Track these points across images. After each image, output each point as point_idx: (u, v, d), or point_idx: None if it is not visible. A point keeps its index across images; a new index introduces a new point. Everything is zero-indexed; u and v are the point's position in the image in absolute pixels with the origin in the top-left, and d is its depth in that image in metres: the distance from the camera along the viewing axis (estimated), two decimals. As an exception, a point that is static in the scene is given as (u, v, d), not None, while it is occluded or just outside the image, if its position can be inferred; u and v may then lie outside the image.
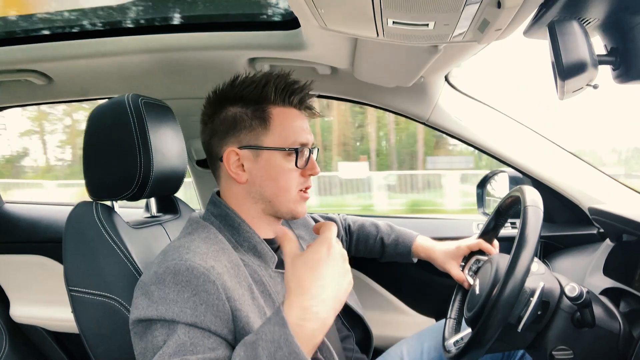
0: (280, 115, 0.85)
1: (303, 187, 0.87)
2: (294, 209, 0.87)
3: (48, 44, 1.17)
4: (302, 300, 0.60)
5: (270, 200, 0.85)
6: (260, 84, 0.84)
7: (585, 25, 0.65)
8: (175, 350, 0.64)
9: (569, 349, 0.79)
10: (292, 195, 0.85)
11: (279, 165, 0.84)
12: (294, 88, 0.86)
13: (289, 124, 0.85)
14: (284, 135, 0.84)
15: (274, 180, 0.84)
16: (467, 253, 1.09)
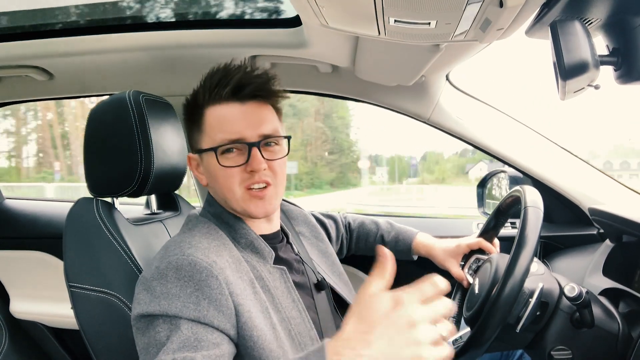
0: (213, 115, 0.82)
1: (248, 184, 0.81)
2: (247, 208, 0.82)
3: (49, 40, 1.17)
4: (340, 344, 0.55)
5: (224, 200, 0.84)
6: (195, 90, 0.84)
7: (587, 25, 0.65)
8: (179, 346, 0.64)
9: (567, 349, 0.79)
10: (237, 194, 0.81)
11: (215, 165, 0.81)
12: (226, 81, 0.80)
13: (217, 123, 0.81)
14: (212, 135, 0.81)
15: (216, 180, 0.83)
16: (467, 251, 1.09)
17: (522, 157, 1.36)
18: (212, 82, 0.81)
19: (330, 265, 1.04)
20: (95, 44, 1.17)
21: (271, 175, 0.82)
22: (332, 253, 1.08)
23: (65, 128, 14.89)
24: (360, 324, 0.55)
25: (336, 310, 0.97)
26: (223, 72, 0.82)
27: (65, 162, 15.37)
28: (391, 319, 0.54)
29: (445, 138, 1.40)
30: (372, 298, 0.56)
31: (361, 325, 0.55)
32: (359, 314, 0.56)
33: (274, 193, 0.83)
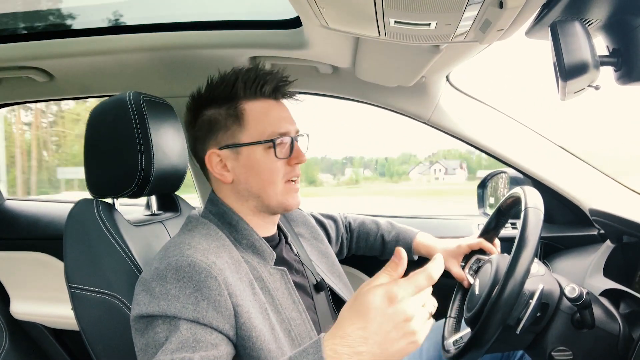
0: (253, 109, 0.84)
1: (290, 177, 0.85)
2: (284, 201, 0.85)
3: (50, 41, 1.17)
4: (336, 342, 0.55)
5: (258, 195, 0.85)
6: (229, 82, 0.84)
7: (588, 26, 0.65)
8: (177, 346, 0.64)
9: (568, 350, 0.79)
10: (278, 188, 0.84)
11: (259, 159, 0.83)
12: (264, 79, 0.84)
13: (264, 117, 0.84)
14: (259, 128, 0.83)
15: (258, 175, 0.83)
16: (468, 252, 1.09)
17: (522, 157, 1.36)
18: (249, 78, 0.84)
19: (329, 266, 1.04)
20: (95, 45, 1.17)
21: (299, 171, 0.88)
22: (332, 254, 1.08)
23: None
24: (357, 319, 0.56)
25: (335, 311, 0.97)
26: (255, 70, 0.85)
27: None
28: (387, 315, 0.56)
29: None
30: (368, 293, 0.57)
31: (357, 321, 0.56)
32: (355, 309, 0.57)
33: (299, 188, 0.89)
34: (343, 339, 0.56)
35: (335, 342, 0.56)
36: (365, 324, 0.55)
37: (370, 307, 0.56)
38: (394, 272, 0.59)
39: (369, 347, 0.55)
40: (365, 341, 0.55)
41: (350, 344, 0.55)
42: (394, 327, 0.55)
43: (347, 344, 0.55)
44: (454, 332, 0.97)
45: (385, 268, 0.60)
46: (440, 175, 8.39)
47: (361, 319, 0.56)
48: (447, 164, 8.47)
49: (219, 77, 0.86)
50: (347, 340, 0.55)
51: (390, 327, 0.55)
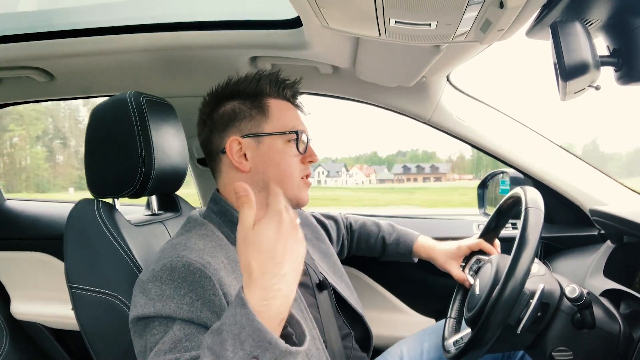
0: (277, 105, 0.89)
1: (303, 174, 0.89)
2: (298, 194, 0.88)
3: (50, 41, 1.17)
4: (261, 280, 0.56)
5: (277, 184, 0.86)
6: (255, 79, 0.89)
7: (588, 26, 0.65)
8: (170, 346, 0.65)
9: (568, 350, 0.79)
10: (295, 181, 0.87)
11: (281, 151, 0.86)
12: (287, 83, 0.91)
13: (286, 113, 0.89)
14: (282, 122, 0.88)
15: (277, 165, 0.86)
16: (468, 253, 1.09)
17: (522, 157, 1.36)
18: (275, 78, 0.90)
19: (331, 266, 1.04)
20: (96, 45, 1.17)
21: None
22: (333, 254, 1.08)
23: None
24: (264, 253, 0.57)
25: (338, 310, 0.97)
26: (278, 74, 0.91)
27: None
28: (284, 234, 0.58)
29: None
30: (258, 227, 0.58)
31: (265, 253, 0.57)
32: (256, 247, 0.57)
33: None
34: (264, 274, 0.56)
35: (259, 281, 0.56)
36: (273, 250, 0.57)
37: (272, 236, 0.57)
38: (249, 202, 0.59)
39: (287, 265, 0.57)
40: (282, 264, 0.57)
41: (273, 273, 0.56)
42: (292, 239, 0.58)
43: (270, 276, 0.56)
44: (454, 333, 0.97)
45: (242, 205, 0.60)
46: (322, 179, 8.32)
47: (267, 250, 0.57)
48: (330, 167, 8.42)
49: (239, 76, 0.91)
50: (268, 274, 0.56)
51: (290, 241, 0.58)
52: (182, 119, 1.09)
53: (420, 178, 19.56)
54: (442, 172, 19.94)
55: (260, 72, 0.90)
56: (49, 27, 1.17)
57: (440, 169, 20.11)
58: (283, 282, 0.57)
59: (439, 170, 20.10)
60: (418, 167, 19.87)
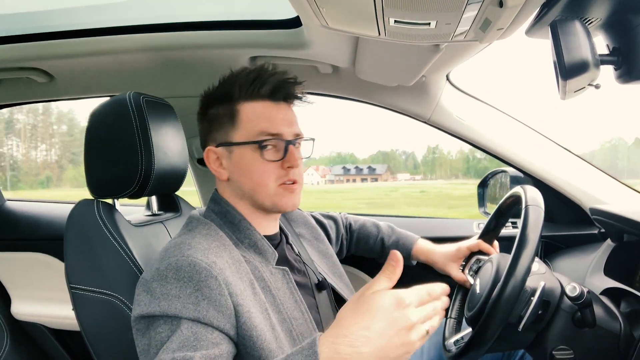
0: (248, 110, 0.84)
1: (284, 180, 0.83)
2: (277, 201, 0.84)
3: (50, 42, 1.17)
4: (338, 342, 0.55)
5: (250, 195, 0.85)
6: (229, 82, 0.85)
7: (588, 24, 0.65)
8: (179, 345, 0.65)
9: (569, 349, 0.79)
10: (270, 190, 0.83)
11: (249, 160, 0.83)
12: (264, 80, 0.83)
13: (256, 118, 0.83)
14: (250, 129, 0.83)
15: (248, 175, 0.83)
16: (468, 254, 1.09)
17: (522, 156, 1.36)
18: (247, 79, 0.83)
19: (330, 266, 1.04)
20: (95, 45, 1.17)
21: (298, 174, 0.86)
22: (333, 254, 1.08)
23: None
24: (362, 319, 0.56)
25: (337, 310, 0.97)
26: (257, 72, 0.84)
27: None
28: (393, 319, 0.56)
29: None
30: (376, 295, 0.57)
31: (362, 320, 0.56)
32: (359, 309, 0.57)
33: (299, 189, 0.87)
34: (346, 337, 0.55)
35: (337, 342, 0.55)
36: (371, 324, 0.55)
37: (378, 308, 0.56)
38: (392, 275, 0.60)
39: (371, 348, 0.55)
40: (368, 341, 0.55)
41: (353, 343, 0.55)
42: (396, 333, 0.56)
43: (349, 344, 0.55)
44: (455, 333, 0.97)
45: (383, 271, 0.60)
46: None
47: (366, 318, 0.56)
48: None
49: (225, 75, 0.87)
50: (349, 339, 0.55)
51: (394, 332, 0.56)
52: (182, 119, 1.09)
53: (359, 179, 20.02)
54: (379, 173, 20.63)
55: (238, 72, 0.85)
56: (48, 27, 1.17)
57: (377, 170, 20.74)
58: (356, 357, 0.55)
59: (376, 171, 20.77)
60: (357, 168, 20.32)
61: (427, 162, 9.61)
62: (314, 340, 0.56)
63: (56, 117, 16.19)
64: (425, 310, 0.60)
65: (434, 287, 0.62)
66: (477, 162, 7.49)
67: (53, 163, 16.14)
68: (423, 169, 9.24)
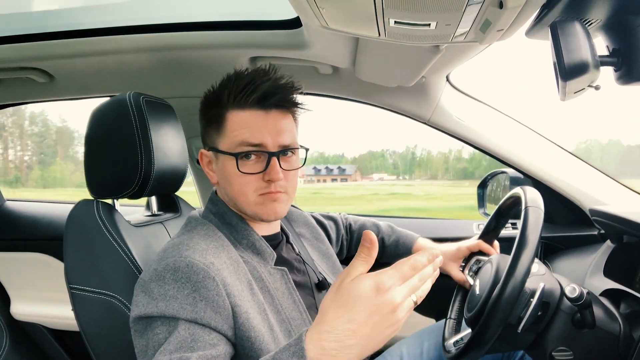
0: (234, 119, 0.81)
1: (263, 192, 0.81)
2: (258, 211, 0.82)
3: (50, 42, 1.17)
4: (323, 338, 0.54)
5: (234, 202, 0.85)
6: (220, 86, 0.83)
7: (588, 26, 0.65)
8: (176, 346, 0.65)
9: (569, 350, 0.79)
10: (250, 199, 0.81)
11: (230, 170, 0.81)
12: (253, 87, 0.79)
13: (240, 128, 0.80)
14: (232, 138, 0.80)
15: (229, 184, 0.82)
16: (468, 254, 1.09)
17: (522, 158, 1.36)
18: (237, 86, 0.80)
19: (331, 266, 1.04)
20: (95, 45, 1.17)
21: (285, 185, 0.83)
22: (333, 254, 1.08)
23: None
24: (344, 311, 0.55)
25: None
26: (250, 77, 0.80)
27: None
28: (375, 306, 0.54)
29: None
30: (354, 283, 0.56)
31: (344, 313, 0.54)
32: (340, 300, 0.55)
33: (285, 199, 0.84)
34: (330, 333, 0.54)
35: (322, 337, 0.54)
36: (354, 315, 0.54)
37: (359, 298, 0.54)
38: (368, 257, 0.58)
39: (358, 339, 0.54)
40: (354, 334, 0.54)
41: (338, 338, 0.54)
42: (381, 318, 0.55)
43: (334, 339, 0.54)
44: (455, 333, 0.97)
45: (359, 254, 0.58)
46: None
47: (348, 310, 0.54)
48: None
49: (224, 78, 0.84)
50: (334, 335, 0.54)
51: (378, 318, 0.54)
52: (182, 119, 1.09)
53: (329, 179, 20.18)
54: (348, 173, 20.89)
55: (230, 77, 0.82)
56: (48, 27, 1.17)
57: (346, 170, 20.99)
58: (344, 352, 0.54)
59: (346, 172, 21.00)
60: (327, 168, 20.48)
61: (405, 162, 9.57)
62: (301, 336, 0.56)
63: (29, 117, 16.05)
64: (411, 283, 0.57)
65: (417, 260, 0.59)
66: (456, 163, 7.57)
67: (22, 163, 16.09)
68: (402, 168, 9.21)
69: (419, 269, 0.59)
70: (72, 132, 7.05)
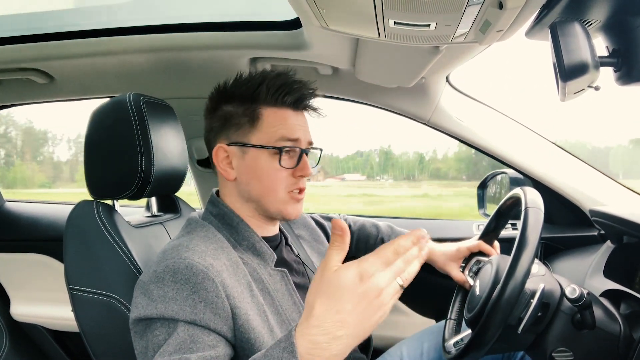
0: (271, 115, 0.84)
1: (293, 188, 0.84)
2: (283, 209, 0.84)
3: (50, 42, 1.17)
4: (313, 332, 0.54)
5: (257, 200, 0.84)
6: (254, 83, 0.84)
7: (587, 26, 0.65)
8: (175, 348, 0.65)
9: (569, 351, 0.79)
10: (279, 196, 0.83)
11: (264, 165, 0.82)
12: (289, 88, 0.84)
13: (278, 124, 0.83)
14: (270, 133, 0.83)
15: (259, 179, 0.83)
16: (468, 254, 1.09)
17: (522, 158, 1.36)
18: (274, 85, 0.83)
19: (330, 267, 1.03)
20: (95, 46, 1.17)
21: (305, 183, 0.87)
22: (333, 255, 1.07)
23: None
24: (330, 303, 0.54)
25: None
26: (282, 79, 0.84)
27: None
28: (360, 294, 0.54)
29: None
30: (337, 274, 0.55)
31: (331, 305, 0.54)
32: (326, 293, 0.55)
33: (303, 199, 0.87)
34: (319, 327, 0.54)
35: (311, 332, 0.54)
36: (341, 306, 0.54)
37: (343, 288, 0.54)
38: (342, 244, 0.58)
39: (347, 329, 0.54)
40: (343, 324, 0.54)
41: (328, 331, 0.54)
42: (368, 304, 0.54)
43: (324, 332, 0.54)
44: (455, 334, 0.97)
45: (332, 244, 0.57)
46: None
47: (335, 302, 0.54)
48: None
49: (244, 75, 0.87)
50: (323, 328, 0.54)
51: (364, 305, 0.54)
52: (182, 120, 1.09)
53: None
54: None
55: (265, 75, 0.85)
56: (48, 28, 1.17)
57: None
58: (335, 344, 0.53)
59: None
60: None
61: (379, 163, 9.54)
62: (290, 332, 0.56)
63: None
64: (395, 267, 0.57)
65: (400, 244, 0.57)
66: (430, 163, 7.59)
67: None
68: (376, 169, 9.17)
69: (402, 253, 0.57)
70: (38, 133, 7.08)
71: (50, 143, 8.02)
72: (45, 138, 7.84)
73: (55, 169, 6.76)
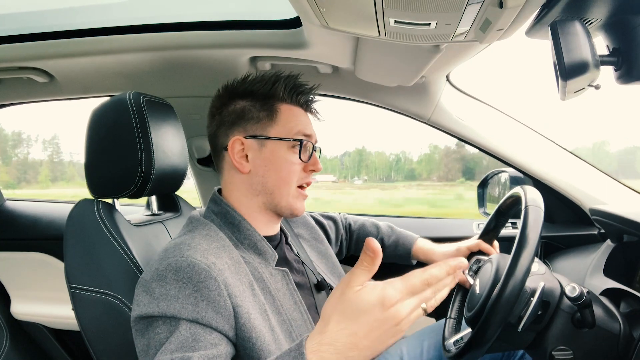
0: (287, 111, 0.88)
1: (303, 182, 0.89)
2: (293, 204, 0.88)
3: (50, 41, 1.17)
4: (324, 349, 0.53)
5: (271, 192, 0.86)
6: (270, 81, 0.88)
7: (588, 25, 0.65)
8: (177, 346, 0.65)
9: (569, 349, 0.79)
10: (291, 189, 0.87)
11: (282, 156, 0.86)
12: (302, 89, 0.90)
13: (295, 119, 0.88)
14: (288, 127, 0.87)
15: (277, 171, 0.85)
16: (467, 254, 1.09)
17: (522, 157, 1.36)
18: (289, 84, 0.89)
19: (330, 267, 1.04)
20: (95, 45, 1.17)
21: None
22: (332, 255, 1.08)
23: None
24: (346, 323, 0.54)
25: None
26: (295, 79, 0.90)
27: None
28: (380, 321, 0.53)
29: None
30: (359, 295, 0.55)
31: (346, 325, 0.54)
32: (344, 313, 0.54)
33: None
34: (331, 345, 0.54)
35: (322, 349, 0.54)
36: (357, 329, 0.53)
37: (362, 311, 0.54)
38: (371, 266, 0.56)
39: (359, 351, 0.53)
40: (355, 346, 0.53)
41: (339, 350, 0.53)
42: (384, 331, 0.54)
43: (335, 351, 0.53)
44: (455, 333, 0.97)
45: (361, 263, 0.56)
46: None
47: (351, 323, 0.54)
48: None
49: (256, 74, 0.91)
50: (335, 347, 0.53)
51: (381, 331, 0.54)
52: (182, 119, 1.09)
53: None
54: None
55: (278, 74, 0.90)
56: (49, 27, 1.17)
57: None
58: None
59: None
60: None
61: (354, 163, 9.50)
62: (301, 342, 0.56)
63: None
64: (422, 296, 0.56)
65: (433, 274, 0.56)
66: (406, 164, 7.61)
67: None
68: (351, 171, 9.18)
69: (433, 284, 0.56)
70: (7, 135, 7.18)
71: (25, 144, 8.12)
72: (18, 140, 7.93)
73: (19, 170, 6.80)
